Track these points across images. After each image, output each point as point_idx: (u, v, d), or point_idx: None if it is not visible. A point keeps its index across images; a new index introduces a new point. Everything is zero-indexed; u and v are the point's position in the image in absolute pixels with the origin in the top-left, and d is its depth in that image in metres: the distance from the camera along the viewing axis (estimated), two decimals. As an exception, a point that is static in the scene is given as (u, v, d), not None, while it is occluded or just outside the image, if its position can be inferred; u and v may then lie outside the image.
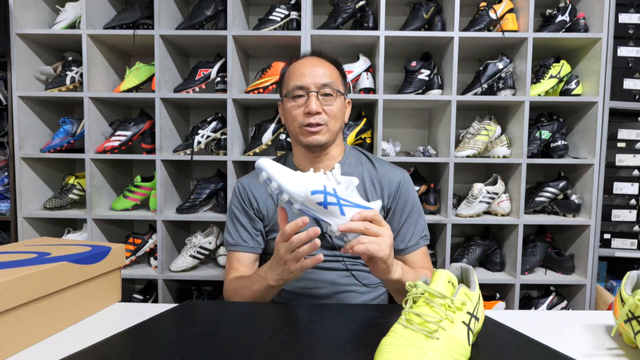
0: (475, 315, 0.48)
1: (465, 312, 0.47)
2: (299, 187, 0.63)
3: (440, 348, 0.42)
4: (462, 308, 0.47)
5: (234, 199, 0.98)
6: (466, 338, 0.45)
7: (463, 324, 0.46)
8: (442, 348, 0.42)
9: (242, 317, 0.64)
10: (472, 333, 0.47)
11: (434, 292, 0.46)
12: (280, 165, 0.66)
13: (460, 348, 0.44)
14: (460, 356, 0.43)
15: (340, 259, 0.86)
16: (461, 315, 0.46)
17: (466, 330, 0.45)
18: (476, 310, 0.49)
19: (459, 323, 0.45)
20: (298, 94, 0.87)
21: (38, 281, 0.60)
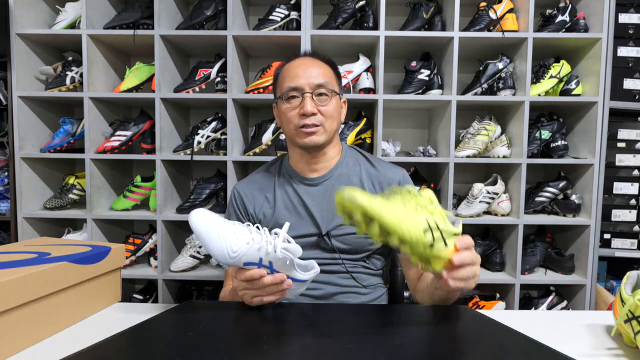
0: (434, 225, 0.56)
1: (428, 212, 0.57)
2: (230, 259, 0.60)
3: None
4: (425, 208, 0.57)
5: (230, 206, 0.97)
6: (424, 224, 0.55)
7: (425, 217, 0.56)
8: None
9: (242, 317, 0.64)
10: (432, 230, 0.55)
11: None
12: (214, 221, 0.61)
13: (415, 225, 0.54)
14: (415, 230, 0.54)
15: (340, 261, 0.86)
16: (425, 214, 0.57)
17: (426, 221, 0.55)
18: (436, 221, 0.57)
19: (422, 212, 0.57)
20: (292, 95, 0.87)
21: (38, 281, 0.60)
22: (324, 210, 0.88)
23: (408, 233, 0.54)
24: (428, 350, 0.53)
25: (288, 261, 0.62)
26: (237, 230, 0.62)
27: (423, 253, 0.56)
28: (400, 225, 0.53)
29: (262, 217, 0.92)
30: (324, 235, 0.86)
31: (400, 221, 0.54)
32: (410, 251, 0.57)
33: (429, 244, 0.55)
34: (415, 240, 0.54)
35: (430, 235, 0.55)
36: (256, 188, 0.95)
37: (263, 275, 0.62)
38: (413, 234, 0.54)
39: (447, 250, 0.57)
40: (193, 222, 0.61)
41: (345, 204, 0.54)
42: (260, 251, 0.61)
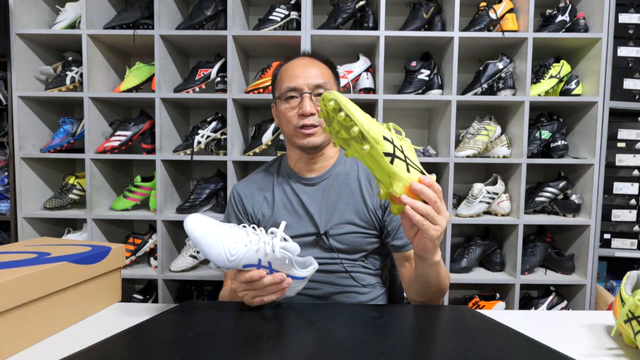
0: (399, 146, 0.59)
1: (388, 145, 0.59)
2: (229, 262, 0.60)
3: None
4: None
5: (229, 206, 0.97)
6: (386, 134, 0.59)
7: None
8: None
9: (242, 317, 0.64)
10: (394, 145, 0.58)
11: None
12: (210, 226, 0.61)
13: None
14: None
15: (339, 261, 0.86)
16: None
17: (390, 137, 0.59)
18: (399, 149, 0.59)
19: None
20: (291, 96, 0.87)
21: (38, 281, 0.60)
22: (322, 209, 0.88)
23: (368, 127, 0.57)
24: (428, 350, 0.53)
25: (287, 260, 0.62)
26: (234, 233, 0.62)
27: (382, 163, 0.58)
28: (362, 118, 0.57)
29: (261, 217, 0.92)
30: (322, 235, 0.86)
31: (363, 116, 0.58)
32: (371, 157, 0.59)
33: (389, 153, 0.57)
34: (373, 137, 0.57)
35: (390, 146, 0.58)
36: (255, 188, 0.95)
37: (263, 276, 0.62)
38: (372, 130, 0.57)
39: (409, 175, 0.58)
40: (189, 229, 0.60)
41: (325, 96, 0.60)
42: (259, 252, 0.61)
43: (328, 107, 0.60)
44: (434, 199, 0.58)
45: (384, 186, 0.61)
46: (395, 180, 0.58)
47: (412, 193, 0.58)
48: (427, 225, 0.58)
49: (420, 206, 0.58)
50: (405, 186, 0.58)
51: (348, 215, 0.87)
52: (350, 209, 0.87)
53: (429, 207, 0.58)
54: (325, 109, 0.61)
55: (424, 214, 0.58)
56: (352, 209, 0.87)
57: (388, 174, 0.59)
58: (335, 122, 0.60)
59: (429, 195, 0.58)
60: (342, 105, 0.58)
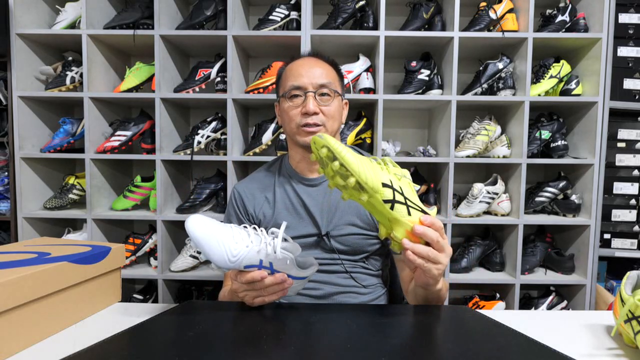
0: (398, 189, 0.59)
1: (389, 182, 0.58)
2: (231, 263, 0.60)
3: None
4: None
5: (230, 206, 0.97)
6: (385, 179, 0.58)
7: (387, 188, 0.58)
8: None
9: (242, 317, 0.64)
10: (394, 190, 0.58)
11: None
12: (211, 226, 0.61)
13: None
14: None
15: (339, 261, 0.86)
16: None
17: (389, 180, 0.58)
18: (399, 188, 0.59)
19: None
20: (295, 94, 0.87)
21: (38, 281, 0.60)
22: (323, 210, 0.88)
23: (365, 176, 0.55)
24: (428, 350, 0.53)
25: (288, 261, 0.62)
26: (235, 234, 0.61)
27: (383, 211, 0.57)
28: (358, 167, 0.56)
29: (262, 217, 0.92)
30: (323, 236, 0.86)
31: (359, 164, 0.56)
32: (372, 207, 0.58)
33: (389, 200, 0.56)
34: (371, 187, 0.56)
35: (390, 192, 0.56)
36: (256, 188, 0.95)
37: (264, 276, 0.62)
38: (370, 179, 0.56)
39: (410, 219, 0.58)
40: (190, 230, 0.60)
41: (315, 140, 0.59)
42: (260, 253, 0.61)
43: (321, 154, 0.58)
44: (436, 239, 0.58)
45: (385, 227, 0.60)
46: (396, 225, 0.58)
47: (413, 236, 0.58)
48: (429, 266, 0.59)
49: (422, 250, 0.58)
50: (407, 230, 0.58)
51: (349, 217, 0.87)
52: (352, 211, 0.87)
53: (429, 250, 0.59)
54: (317, 152, 0.60)
55: (426, 257, 0.59)
56: (353, 211, 0.87)
57: (388, 219, 0.58)
58: (329, 168, 0.59)
59: (432, 237, 0.58)
60: (336, 154, 0.56)
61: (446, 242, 0.61)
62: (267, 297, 0.64)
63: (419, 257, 0.58)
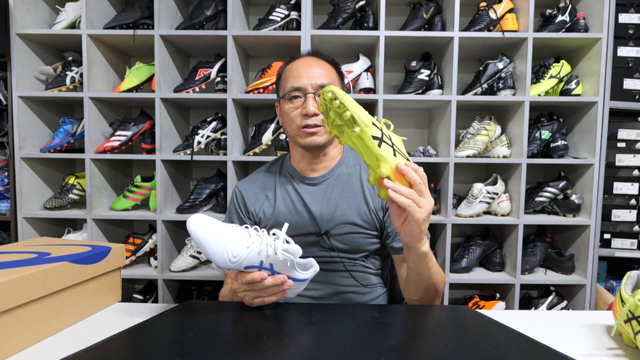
0: (387, 134, 0.65)
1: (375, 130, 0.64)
2: (231, 263, 0.60)
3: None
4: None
5: (231, 204, 0.98)
6: (374, 120, 0.64)
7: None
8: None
9: (242, 317, 0.64)
10: (382, 132, 0.64)
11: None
12: (212, 226, 0.61)
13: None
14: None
15: (339, 260, 0.86)
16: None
17: (378, 126, 0.64)
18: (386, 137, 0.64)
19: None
20: (295, 95, 0.87)
21: (38, 281, 0.60)
22: (323, 209, 0.88)
23: (358, 112, 0.62)
24: (428, 351, 0.53)
25: (289, 262, 0.62)
26: (237, 234, 0.61)
27: (370, 145, 0.62)
28: (354, 106, 0.63)
29: (262, 216, 0.92)
30: (322, 234, 0.86)
31: (355, 105, 0.63)
32: (360, 139, 0.62)
33: (376, 137, 0.62)
34: (363, 121, 0.62)
35: (378, 131, 0.62)
36: (257, 187, 0.95)
37: (264, 277, 0.62)
38: (362, 115, 0.62)
39: (395, 159, 0.62)
40: (192, 229, 0.60)
41: (324, 89, 0.65)
42: (261, 254, 0.61)
43: (326, 98, 0.65)
44: (418, 181, 0.61)
45: (373, 171, 0.64)
46: (382, 162, 0.62)
47: (398, 176, 0.62)
48: (412, 207, 0.61)
49: (404, 190, 0.61)
50: (391, 168, 0.61)
51: (349, 216, 0.87)
52: (352, 209, 0.87)
53: (411, 190, 0.61)
54: (324, 101, 0.66)
55: (407, 196, 0.60)
56: (353, 209, 0.87)
57: (376, 157, 0.62)
58: (332, 111, 0.65)
59: (413, 177, 0.61)
60: (337, 95, 0.63)
61: (428, 193, 0.64)
62: (267, 297, 0.64)
63: (402, 195, 0.60)
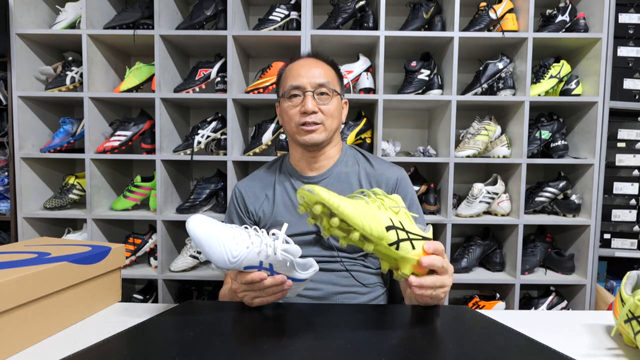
0: (399, 225, 0.57)
1: (392, 214, 0.58)
2: (231, 264, 0.60)
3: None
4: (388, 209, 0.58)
5: (231, 204, 0.98)
6: (387, 221, 0.55)
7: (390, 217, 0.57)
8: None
9: (241, 317, 0.64)
10: (396, 229, 0.56)
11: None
12: (212, 227, 0.61)
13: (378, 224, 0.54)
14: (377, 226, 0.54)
15: (339, 259, 0.86)
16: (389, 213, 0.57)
17: (389, 219, 0.56)
18: (401, 223, 0.58)
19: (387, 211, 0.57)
20: (294, 94, 0.88)
21: (38, 281, 0.60)
22: (323, 209, 0.88)
23: (369, 228, 0.53)
24: (428, 350, 0.53)
25: (288, 263, 0.62)
26: (236, 235, 0.62)
27: (389, 253, 0.56)
28: (360, 219, 0.53)
29: (262, 215, 0.92)
30: (322, 234, 0.86)
31: (361, 215, 0.53)
32: (377, 252, 0.57)
33: (394, 242, 0.55)
34: (377, 236, 0.53)
35: (394, 233, 0.54)
36: (257, 186, 0.96)
37: (264, 278, 0.62)
38: (374, 229, 0.53)
39: (415, 252, 0.57)
40: (191, 230, 0.60)
41: (305, 195, 0.54)
42: (261, 255, 0.61)
43: (315, 211, 0.53)
44: (441, 265, 0.59)
45: (387, 263, 0.60)
46: (402, 263, 0.58)
47: (419, 268, 0.58)
48: (437, 293, 0.60)
49: (429, 282, 0.59)
50: (414, 265, 0.58)
51: None
52: None
53: (436, 279, 0.59)
54: (307, 205, 0.56)
55: (433, 287, 0.60)
56: None
57: (394, 259, 0.58)
58: (325, 221, 0.56)
59: (438, 265, 0.59)
60: (333, 210, 0.52)
61: (449, 264, 0.62)
62: (267, 298, 0.64)
63: (428, 289, 0.59)
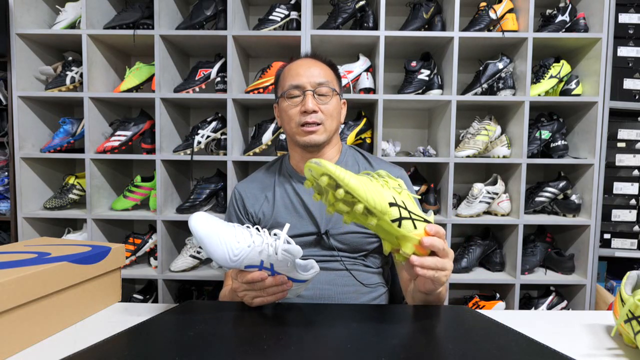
0: (402, 204, 0.57)
1: (396, 193, 0.58)
2: (232, 262, 0.60)
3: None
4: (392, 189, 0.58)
5: (230, 206, 0.98)
6: (390, 198, 0.56)
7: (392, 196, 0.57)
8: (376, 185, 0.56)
9: (241, 317, 0.64)
10: (399, 206, 0.56)
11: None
12: (214, 225, 0.60)
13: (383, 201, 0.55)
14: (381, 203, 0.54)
15: (339, 258, 0.86)
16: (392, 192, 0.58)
17: (392, 197, 0.56)
18: (405, 204, 0.57)
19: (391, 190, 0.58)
20: (294, 94, 0.88)
21: (38, 281, 0.60)
22: (323, 209, 0.88)
23: (373, 201, 0.53)
24: (428, 350, 0.53)
25: (289, 263, 0.62)
26: (238, 233, 0.62)
27: (391, 230, 0.56)
28: (365, 192, 0.53)
29: (262, 216, 0.92)
30: (322, 234, 0.86)
31: (365, 188, 0.54)
32: (379, 228, 0.57)
33: (396, 218, 0.55)
34: (380, 210, 0.54)
35: (397, 210, 0.55)
36: (256, 187, 0.96)
37: (264, 277, 0.62)
38: (378, 202, 0.54)
39: (417, 232, 0.57)
40: (193, 227, 0.60)
41: (312, 168, 0.55)
42: (262, 254, 0.61)
43: (320, 183, 0.54)
44: (442, 247, 0.59)
45: (389, 243, 0.60)
46: (404, 241, 0.57)
47: (420, 248, 0.58)
48: (439, 275, 0.59)
49: (430, 263, 0.58)
50: (415, 245, 0.57)
51: None
52: None
53: (437, 260, 0.59)
54: (313, 179, 0.57)
55: (434, 268, 0.59)
56: None
57: (396, 237, 0.58)
58: (331, 195, 0.56)
59: (439, 247, 0.58)
60: (339, 182, 0.52)
61: (449, 249, 0.62)
62: (267, 298, 0.64)
63: (429, 269, 0.59)
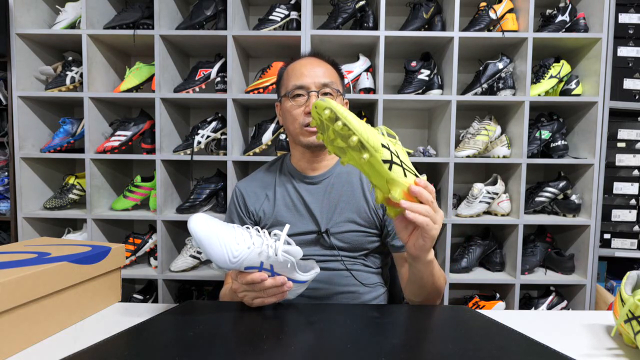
0: (394, 151, 0.59)
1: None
2: (232, 264, 0.60)
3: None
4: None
5: (231, 204, 0.98)
6: (383, 141, 0.58)
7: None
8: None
9: (242, 317, 0.64)
10: (391, 152, 0.58)
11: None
12: (213, 226, 0.60)
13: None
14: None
15: (339, 258, 0.86)
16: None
17: (386, 143, 0.59)
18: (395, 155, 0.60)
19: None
20: (298, 94, 0.88)
21: (38, 281, 0.60)
22: (323, 208, 0.88)
23: (366, 135, 0.57)
24: (428, 350, 0.53)
25: (289, 264, 0.62)
26: (237, 235, 0.61)
27: (381, 170, 0.58)
28: (360, 126, 0.57)
29: (262, 215, 0.92)
30: (322, 233, 0.86)
31: (361, 124, 0.58)
32: (371, 168, 0.59)
33: (387, 160, 0.57)
34: (372, 146, 0.57)
35: (388, 153, 0.58)
36: (257, 186, 0.96)
37: (264, 278, 0.62)
38: (371, 138, 0.57)
39: (406, 180, 0.59)
40: (193, 229, 0.60)
41: (318, 104, 0.59)
42: (261, 255, 0.61)
43: (323, 116, 0.59)
44: (430, 199, 0.59)
45: (381, 191, 0.61)
46: (393, 186, 0.59)
47: (409, 196, 0.59)
48: (430, 224, 0.59)
49: (421, 208, 0.59)
50: (404, 191, 0.59)
51: (349, 214, 0.87)
52: (352, 208, 0.87)
53: (427, 207, 0.59)
54: (318, 117, 0.61)
55: (425, 215, 0.59)
56: (353, 208, 0.87)
57: (386, 180, 0.59)
58: (331, 130, 0.60)
59: (427, 197, 0.59)
60: (338, 115, 0.57)
61: (438, 207, 0.63)
62: (267, 298, 0.64)
63: (419, 215, 0.59)
